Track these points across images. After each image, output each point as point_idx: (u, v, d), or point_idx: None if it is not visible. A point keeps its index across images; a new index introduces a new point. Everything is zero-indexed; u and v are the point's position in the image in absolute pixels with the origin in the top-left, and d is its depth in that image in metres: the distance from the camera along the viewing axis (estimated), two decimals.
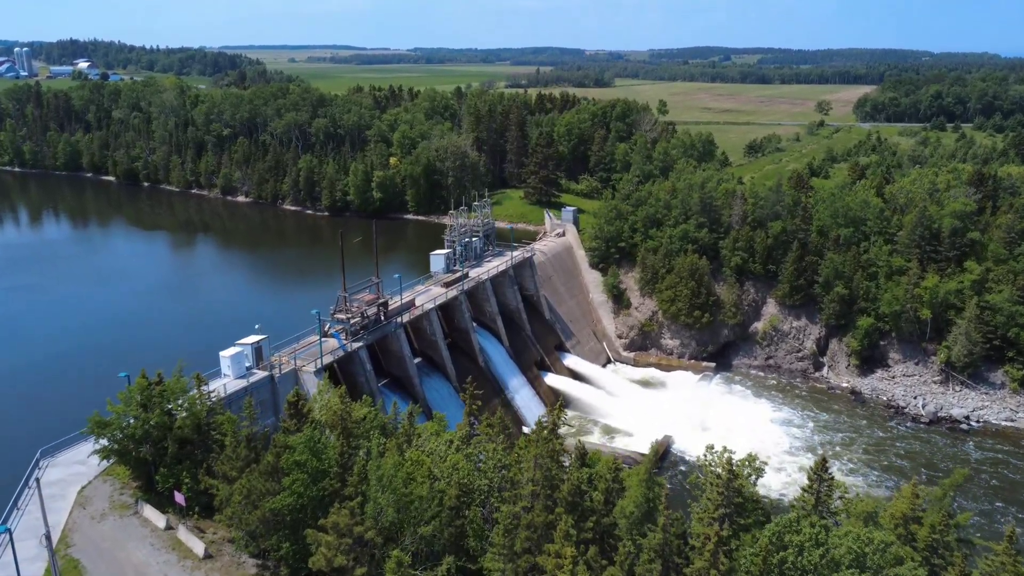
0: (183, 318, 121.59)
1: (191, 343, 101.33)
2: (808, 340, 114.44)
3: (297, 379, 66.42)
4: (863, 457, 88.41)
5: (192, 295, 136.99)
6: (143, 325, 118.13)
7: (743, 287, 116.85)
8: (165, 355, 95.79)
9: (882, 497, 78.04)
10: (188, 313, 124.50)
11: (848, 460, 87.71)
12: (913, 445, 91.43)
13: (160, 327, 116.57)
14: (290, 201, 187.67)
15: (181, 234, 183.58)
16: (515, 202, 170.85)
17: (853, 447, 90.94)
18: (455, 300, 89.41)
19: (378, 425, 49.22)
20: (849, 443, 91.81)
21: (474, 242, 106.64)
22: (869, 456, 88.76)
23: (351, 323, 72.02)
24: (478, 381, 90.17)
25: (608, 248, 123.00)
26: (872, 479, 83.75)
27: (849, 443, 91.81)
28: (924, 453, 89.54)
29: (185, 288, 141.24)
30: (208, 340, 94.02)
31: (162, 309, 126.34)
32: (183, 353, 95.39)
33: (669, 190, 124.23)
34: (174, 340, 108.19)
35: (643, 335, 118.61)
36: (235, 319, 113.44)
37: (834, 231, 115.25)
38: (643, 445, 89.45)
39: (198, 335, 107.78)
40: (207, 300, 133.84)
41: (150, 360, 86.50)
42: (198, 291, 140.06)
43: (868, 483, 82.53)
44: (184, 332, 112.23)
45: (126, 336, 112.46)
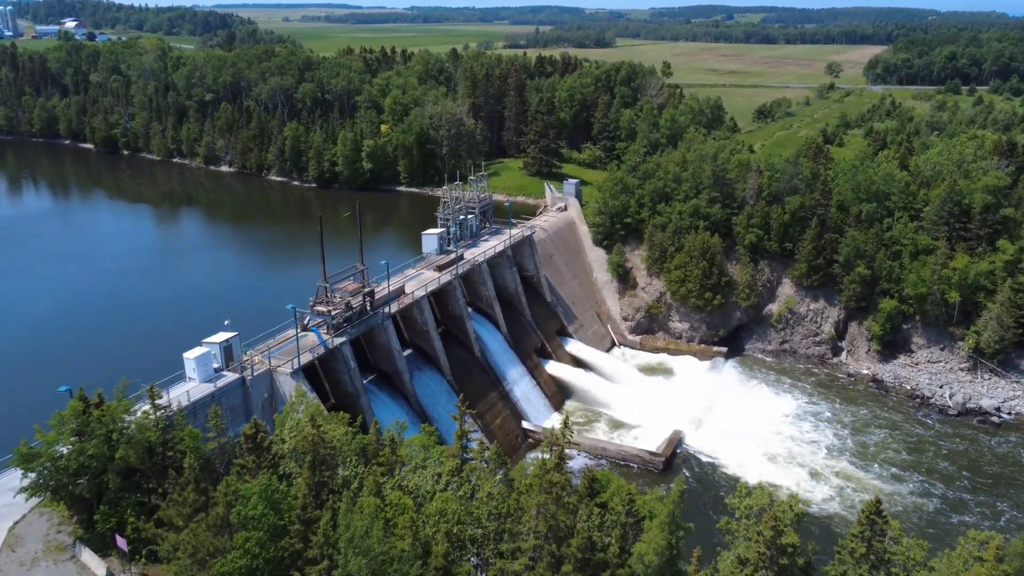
0: (154, 306, 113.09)
1: (158, 338, 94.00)
2: (826, 324, 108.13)
3: (272, 381, 60.03)
4: (900, 459, 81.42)
5: (167, 279, 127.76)
6: (108, 315, 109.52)
7: (757, 266, 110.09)
8: (125, 356, 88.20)
9: (931, 512, 72.05)
10: (160, 300, 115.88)
11: (884, 463, 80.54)
12: (954, 444, 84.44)
13: (126, 318, 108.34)
14: (276, 172, 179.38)
15: (161, 208, 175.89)
16: (514, 173, 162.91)
17: (887, 447, 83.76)
18: (449, 286, 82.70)
19: (356, 448, 42.88)
20: (882, 442, 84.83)
21: (470, 220, 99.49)
22: (907, 458, 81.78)
23: (333, 316, 65.32)
24: (474, 373, 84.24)
25: (613, 224, 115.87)
26: (915, 487, 76.55)
27: (882, 442, 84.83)
28: (968, 453, 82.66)
29: (160, 271, 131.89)
30: (178, 333, 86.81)
31: (132, 296, 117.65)
32: (147, 351, 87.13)
33: (679, 162, 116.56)
34: (139, 334, 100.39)
35: (650, 317, 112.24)
36: (211, 308, 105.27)
37: (855, 207, 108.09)
38: (652, 441, 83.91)
39: (168, 327, 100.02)
40: (183, 285, 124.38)
41: (107, 363, 79.50)
42: (174, 274, 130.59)
43: (913, 492, 75.54)
44: (153, 324, 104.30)
45: (85, 331, 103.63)
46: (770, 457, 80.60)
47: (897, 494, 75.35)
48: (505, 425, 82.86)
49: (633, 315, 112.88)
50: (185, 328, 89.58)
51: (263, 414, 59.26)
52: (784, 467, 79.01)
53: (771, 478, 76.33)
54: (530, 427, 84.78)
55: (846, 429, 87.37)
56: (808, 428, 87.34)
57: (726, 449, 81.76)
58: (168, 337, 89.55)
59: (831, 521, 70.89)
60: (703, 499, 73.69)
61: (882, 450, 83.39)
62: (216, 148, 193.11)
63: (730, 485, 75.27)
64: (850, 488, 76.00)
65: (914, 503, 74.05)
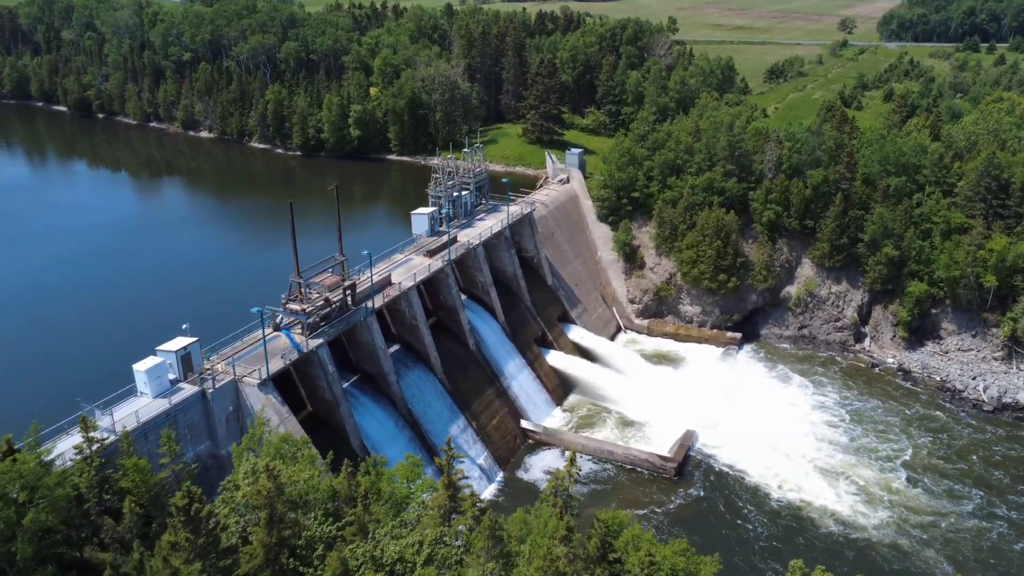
0: (112, 300, 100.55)
1: (113, 341, 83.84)
2: (848, 308, 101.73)
3: (237, 393, 53.54)
4: (946, 467, 74.23)
5: (132, 264, 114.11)
6: (57, 311, 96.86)
7: (775, 245, 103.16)
8: (72, 364, 79.76)
9: (995, 542, 64.45)
10: (121, 292, 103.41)
11: (932, 473, 73.37)
12: (1001, 447, 77.38)
13: (78, 316, 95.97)
14: (258, 138, 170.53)
15: (138, 177, 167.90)
16: (512, 141, 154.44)
17: (931, 452, 76.79)
18: (440, 273, 75.89)
19: (326, 494, 36.56)
20: (924, 446, 77.91)
21: (464, 197, 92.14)
22: (953, 465, 74.50)
23: (308, 315, 58.60)
24: (468, 368, 77.82)
25: (619, 198, 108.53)
26: (976, 507, 68.60)
27: (924, 446, 77.91)
28: (1020, 459, 75.85)
29: (126, 254, 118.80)
30: (137, 335, 79.64)
31: (89, 286, 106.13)
32: (98, 358, 78.02)
33: (691, 131, 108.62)
34: (91, 337, 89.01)
35: (658, 300, 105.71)
36: (177, 300, 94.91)
37: (882, 181, 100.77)
38: (663, 442, 78.15)
39: (127, 327, 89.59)
40: (150, 271, 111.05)
41: (46, 377, 71.71)
42: (142, 258, 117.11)
43: (975, 514, 67.75)
44: (108, 323, 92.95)
45: (27, 333, 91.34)
46: (795, 462, 74.66)
47: (954, 514, 67.79)
48: (502, 425, 76.92)
49: (640, 297, 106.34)
50: (145, 327, 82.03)
51: (227, 431, 53.02)
52: (814, 477, 72.64)
53: (802, 492, 70.33)
54: (530, 426, 78.89)
55: (878, 428, 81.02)
56: (835, 427, 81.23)
57: (745, 452, 75.94)
58: (125, 339, 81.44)
59: (892, 554, 63.20)
60: (719, 511, 68.00)
61: (926, 457, 76.15)
62: (195, 112, 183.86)
63: (751, 496, 69.75)
64: (903, 508, 68.46)
65: (978, 528, 66.23)
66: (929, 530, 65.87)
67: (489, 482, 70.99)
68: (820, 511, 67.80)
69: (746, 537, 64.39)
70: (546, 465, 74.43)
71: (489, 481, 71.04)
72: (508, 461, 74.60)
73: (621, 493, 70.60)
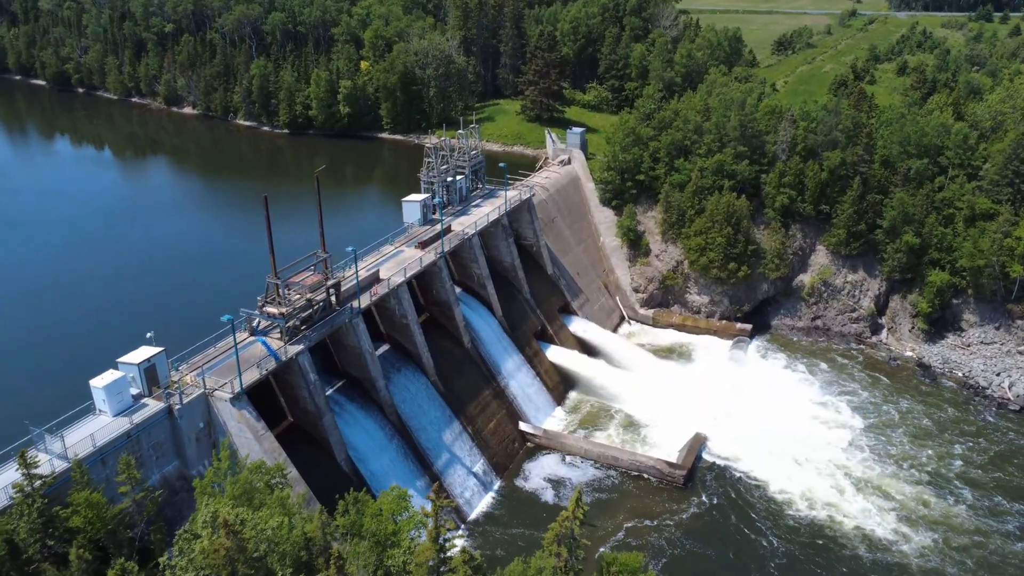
0: (75, 302, 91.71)
1: (74, 350, 75.94)
2: (865, 298, 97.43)
3: (208, 409, 49.19)
4: (981, 478, 69.41)
5: (103, 258, 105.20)
6: (10, 318, 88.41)
7: (788, 232, 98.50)
8: (26, 377, 73.67)
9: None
10: (88, 291, 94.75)
11: (963, 483, 68.70)
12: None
13: (36, 321, 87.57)
14: (243, 115, 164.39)
15: (120, 156, 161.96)
16: (510, 118, 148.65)
17: (961, 458, 72.23)
18: (433, 267, 71.33)
19: (297, 543, 32.40)
20: (952, 451, 73.31)
21: (459, 182, 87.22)
22: (989, 475, 69.70)
23: (287, 318, 54.12)
24: (463, 368, 73.55)
25: (623, 181, 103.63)
26: (1020, 530, 63.70)
27: (952, 451, 73.31)
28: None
29: (98, 245, 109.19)
30: (101, 343, 73.64)
31: (51, 288, 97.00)
32: (56, 370, 71.78)
33: (701, 109, 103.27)
34: (49, 345, 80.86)
35: (664, 289, 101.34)
36: (149, 300, 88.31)
37: (902, 163, 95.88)
38: (670, 446, 74.30)
39: (91, 332, 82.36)
40: (121, 267, 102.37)
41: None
42: (113, 252, 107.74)
43: (1021, 536, 63.23)
44: (69, 329, 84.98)
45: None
46: (814, 471, 70.57)
47: (998, 534, 62.82)
48: (500, 429, 72.88)
49: (645, 286, 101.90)
50: (110, 333, 76.49)
51: (198, 449, 48.84)
52: (836, 488, 68.31)
53: (823, 505, 66.14)
54: (529, 429, 74.90)
55: (904, 432, 76.60)
56: (857, 430, 76.99)
57: (758, 458, 72.06)
58: (85, 348, 75.05)
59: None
60: (732, 524, 64.22)
61: (959, 466, 71.31)
62: (177, 87, 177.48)
63: (766, 508, 65.98)
64: (939, 526, 63.63)
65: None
66: (970, 553, 61.13)
67: (486, 491, 67.15)
68: (844, 527, 63.71)
69: (762, 554, 60.73)
70: (547, 472, 70.63)
71: (486, 490, 67.19)
72: (506, 468, 70.72)
73: (627, 503, 66.88)
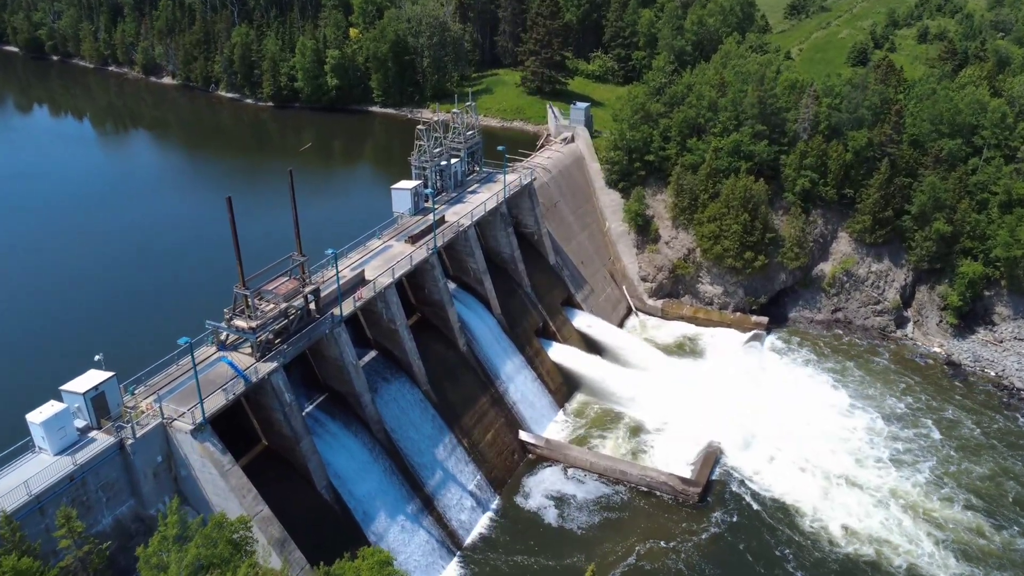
0: (24, 316, 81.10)
1: (4, 383, 66.24)
2: (890, 289, 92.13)
3: (167, 442, 43.94)
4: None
5: (62, 257, 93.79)
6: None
7: (808, 218, 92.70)
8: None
9: None
10: (39, 300, 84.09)
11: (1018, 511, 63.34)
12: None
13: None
14: (225, 86, 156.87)
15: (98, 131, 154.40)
16: (509, 91, 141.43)
17: (1015, 477, 66.58)
18: (425, 264, 65.72)
19: None
20: (1004, 470, 67.28)
21: (453, 166, 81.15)
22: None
23: (258, 333, 48.66)
24: (458, 375, 68.24)
25: (631, 162, 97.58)
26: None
27: (1004, 470, 67.28)
28: None
29: (56, 242, 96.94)
30: (44, 366, 66.26)
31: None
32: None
33: (716, 84, 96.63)
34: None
35: (675, 279, 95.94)
36: (110, 305, 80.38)
37: (934, 144, 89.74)
38: (683, 456, 69.64)
39: (41, 348, 73.24)
40: (80, 265, 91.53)
41: None
42: (74, 246, 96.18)
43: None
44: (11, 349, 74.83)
45: None
46: (848, 488, 65.55)
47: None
48: (498, 440, 67.97)
49: (654, 275, 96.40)
50: (57, 351, 69.04)
51: (156, 485, 43.82)
52: (879, 513, 62.99)
53: (864, 533, 60.70)
54: (530, 439, 70.04)
55: (945, 445, 71.29)
56: (891, 440, 71.93)
57: (779, 472, 67.45)
58: (27, 374, 66.78)
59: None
60: (752, 550, 59.58)
61: (1017, 487, 65.61)
62: (155, 55, 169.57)
63: (790, 532, 61.34)
64: (1005, 565, 57.84)
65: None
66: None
67: (483, 511, 62.46)
68: (886, 558, 58.65)
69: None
70: (549, 487, 65.95)
71: (483, 510, 62.50)
72: (505, 483, 65.98)
73: (638, 522, 62.38)
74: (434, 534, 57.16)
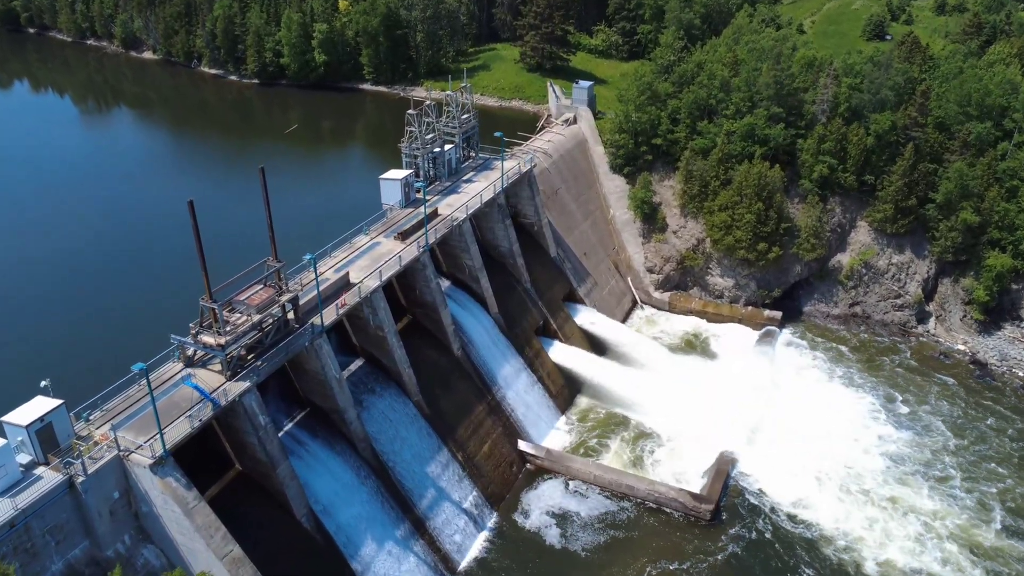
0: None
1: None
2: (912, 282, 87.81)
3: (125, 477, 39.74)
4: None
5: (16, 256, 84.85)
6: None
7: (825, 206, 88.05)
8: None
9: None
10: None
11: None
12: None
13: None
14: (208, 62, 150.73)
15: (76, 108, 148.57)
16: (507, 67, 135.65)
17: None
18: (416, 264, 61.25)
19: None
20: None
21: (447, 153, 76.26)
22: None
23: (228, 349, 44.30)
24: (451, 383, 63.96)
25: (637, 146, 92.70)
26: None
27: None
28: None
29: (17, 234, 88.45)
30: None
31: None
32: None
33: (728, 63, 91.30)
34: None
35: (683, 270, 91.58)
36: (71, 317, 71.85)
37: (960, 127, 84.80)
38: (692, 466, 66.01)
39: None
40: (39, 265, 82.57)
41: None
42: (34, 239, 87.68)
43: None
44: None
45: None
46: (876, 502, 61.69)
47: None
48: (495, 451, 64.03)
49: (661, 266, 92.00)
50: (5, 371, 61.91)
51: (113, 524, 39.83)
52: (909, 533, 58.89)
53: (901, 569, 56.43)
54: (529, 449, 66.11)
55: (983, 454, 67.03)
56: (917, 447, 68.00)
57: (798, 483, 63.89)
58: None
59: None
60: (769, 568, 55.80)
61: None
62: (135, 28, 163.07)
63: (814, 553, 57.26)
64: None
65: None
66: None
67: (479, 531, 58.73)
68: None
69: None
70: (550, 503, 62.16)
71: (479, 529, 58.76)
72: (503, 498, 62.17)
73: (647, 542, 58.78)
74: (426, 559, 53.42)
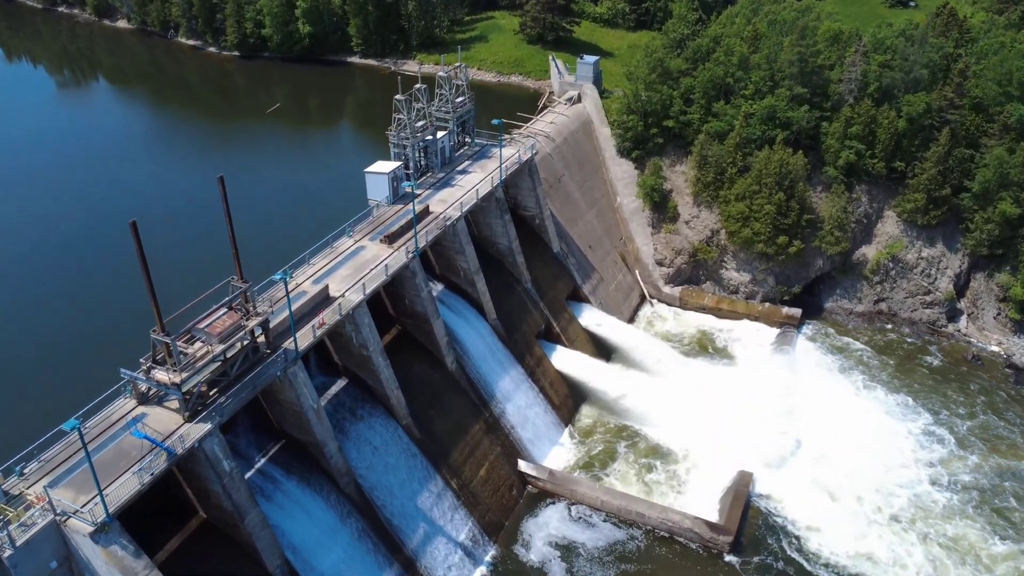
0: None
1: None
2: (943, 278, 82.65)
3: (66, 547, 34.76)
4: None
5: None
6: None
7: (851, 195, 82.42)
8: None
9: None
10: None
11: None
12: None
13: None
14: (185, 32, 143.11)
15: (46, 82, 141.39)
16: (507, 39, 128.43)
17: None
18: (404, 271, 55.85)
19: None
20: None
21: (440, 140, 70.32)
22: None
23: (185, 389, 39.10)
24: (445, 401, 58.92)
25: (647, 128, 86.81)
26: None
27: None
28: None
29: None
30: None
31: None
32: None
33: (749, 37, 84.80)
34: None
35: (695, 264, 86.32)
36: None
37: (1000, 109, 78.84)
38: (708, 489, 61.46)
39: None
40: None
41: None
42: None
43: None
44: None
45: None
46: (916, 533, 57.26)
47: None
48: (493, 475, 59.33)
49: (671, 259, 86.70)
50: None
51: None
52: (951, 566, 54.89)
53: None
54: (531, 470, 61.52)
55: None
56: (956, 466, 63.56)
57: (824, 506, 59.56)
58: None
59: None
60: None
61: None
62: None
63: None
64: None
65: None
66: None
67: (476, 566, 54.29)
68: None
69: None
70: (553, 533, 57.78)
71: (476, 565, 54.30)
72: (501, 528, 57.68)
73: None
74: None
